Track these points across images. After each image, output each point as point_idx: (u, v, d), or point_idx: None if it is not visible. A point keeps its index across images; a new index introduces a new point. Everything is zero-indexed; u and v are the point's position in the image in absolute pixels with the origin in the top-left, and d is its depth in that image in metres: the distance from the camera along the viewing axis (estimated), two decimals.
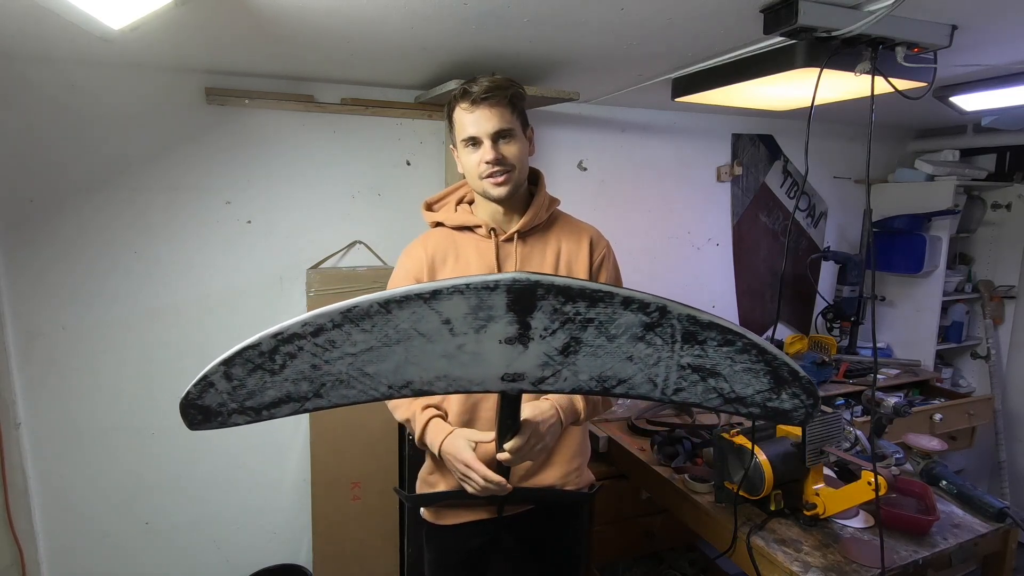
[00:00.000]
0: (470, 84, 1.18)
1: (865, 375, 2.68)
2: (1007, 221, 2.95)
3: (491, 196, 1.22)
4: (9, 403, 1.74)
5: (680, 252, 2.73)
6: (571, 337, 0.66)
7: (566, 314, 0.64)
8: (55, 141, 1.72)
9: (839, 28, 1.23)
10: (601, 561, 2.17)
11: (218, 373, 0.65)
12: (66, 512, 1.88)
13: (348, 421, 1.99)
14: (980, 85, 1.88)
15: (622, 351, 0.66)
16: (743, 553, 1.46)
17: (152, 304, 1.89)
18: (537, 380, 0.69)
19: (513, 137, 1.19)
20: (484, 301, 0.64)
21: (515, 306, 0.64)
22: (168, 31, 1.35)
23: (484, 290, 0.63)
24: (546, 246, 1.29)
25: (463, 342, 0.66)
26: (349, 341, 0.64)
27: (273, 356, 0.65)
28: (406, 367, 0.66)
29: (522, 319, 0.65)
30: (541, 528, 1.34)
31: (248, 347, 0.64)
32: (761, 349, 0.67)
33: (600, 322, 0.65)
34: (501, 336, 0.66)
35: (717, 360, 0.68)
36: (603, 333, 0.65)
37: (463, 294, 0.63)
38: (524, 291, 0.63)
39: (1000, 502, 1.54)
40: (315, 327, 0.63)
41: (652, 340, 0.66)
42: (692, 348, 0.67)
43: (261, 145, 1.95)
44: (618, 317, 0.65)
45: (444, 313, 0.64)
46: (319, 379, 0.66)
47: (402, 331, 0.64)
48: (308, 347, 0.64)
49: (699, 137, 2.67)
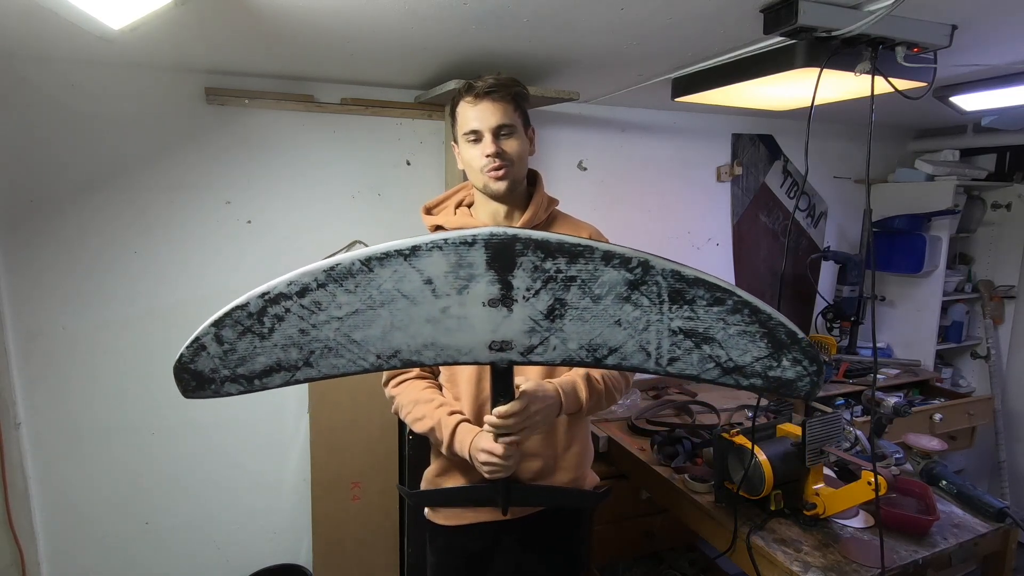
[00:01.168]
0: (475, 80, 1.19)
1: (865, 375, 2.68)
2: (1007, 221, 2.95)
3: (491, 190, 1.22)
4: (9, 403, 1.74)
5: (680, 252, 2.72)
6: (555, 298, 0.65)
7: (547, 271, 0.64)
8: (55, 141, 1.72)
9: (839, 28, 1.23)
10: (601, 561, 2.17)
11: (209, 335, 0.65)
12: (66, 512, 1.88)
13: (348, 421, 1.99)
14: (980, 85, 1.88)
15: (609, 314, 0.65)
16: (743, 553, 1.46)
17: (152, 304, 1.89)
18: (526, 349, 0.68)
19: (514, 134, 1.20)
20: (464, 258, 0.64)
21: (495, 263, 0.64)
22: (168, 31, 1.35)
23: (463, 245, 0.63)
24: None
25: (447, 304, 0.65)
26: (334, 303, 0.64)
27: (261, 318, 0.65)
28: (392, 333, 0.66)
29: (503, 278, 0.64)
30: (545, 531, 1.34)
31: (237, 307, 0.65)
32: (753, 308, 0.64)
33: (583, 280, 0.64)
34: (484, 298, 0.65)
35: (709, 323, 0.65)
36: (587, 293, 0.64)
37: (442, 250, 0.63)
38: (502, 246, 0.63)
39: (1000, 502, 1.54)
40: (300, 286, 0.64)
41: (638, 300, 0.64)
42: (681, 309, 0.64)
43: (261, 145, 1.95)
44: (600, 274, 0.64)
45: (425, 271, 0.64)
46: (308, 346, 0.67)
47: (385, 292, 0.64)
48: (295, 308, 0.65)
49: (699, 137, 2.67)
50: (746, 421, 2.18)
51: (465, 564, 1.35)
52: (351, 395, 1.98)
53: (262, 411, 2.08)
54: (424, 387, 1.28)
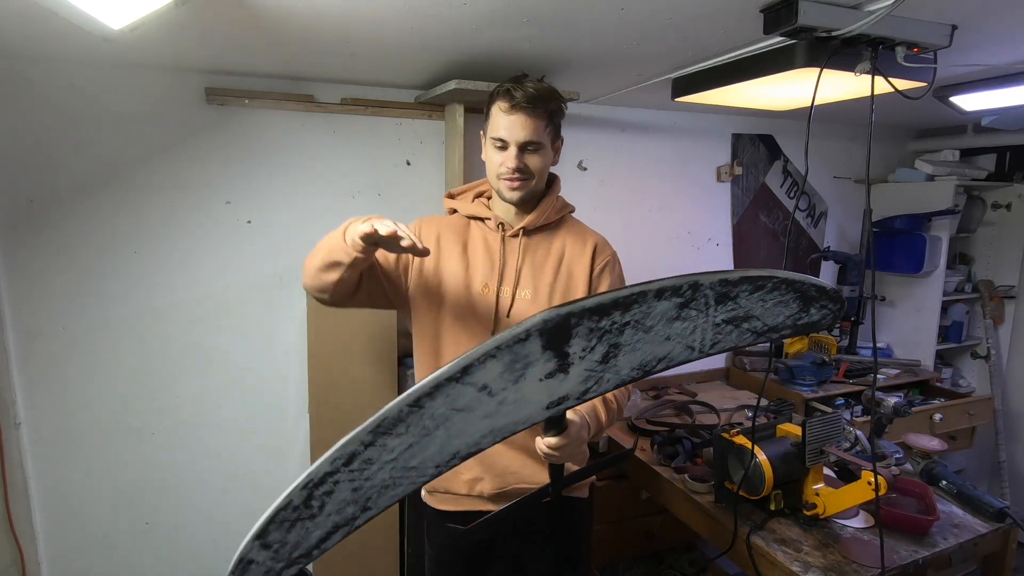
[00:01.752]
0: (515, 86, 1.20)
1: (865, 375, 2.68)
2: (1007, 221, 2.95)
3: (504, 197, 1.27)
4: (9, 403, 1.74)
5: (680, 252, 2.73)
6: (609, 345, 0.64)
7: (602, 328, 0.63)
8: (55, 141, 1.72)
9: (839, 28, 1.22)
10: (601, 561, 2.17)
11: (253, 549, 0.62)
12: (66, 512, 1.88)
13: (348, 421, 1.98)
14: (980, 85, 1.88)
15: (659, 336, 0.66)
16: (743, 553, 1.46)
17: (152, 304, 1.89)
18: (580, 394, 0.67)
19: (540, 150, 1.24)
20: (519, 354, 0.61)
21: (551, 344, 0.62)
22: (168, 31, 1.35)
23: (517, 344, 0.61)
24: (550, 245, 1.32)
25: (503, 398, 0.63)
26: (385, 452, 0.62)
27: (309, 503, 0.62)
28: (450, 443, 0.64)
29: (560, 351, 0.63)
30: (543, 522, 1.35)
31: (279, 508, 0.61)
32: (789, 282, 0.67)
33: (636, 321, 0.64)
34: (541, 375, 0.64)
35: (749, 306, 0.68)
36: (639, 329, 0.64)
37: (495, 357, 0.61)
38: (557, 327, 0.61)
39: (1000, 502, 1.54)
40: (346, 457, 0.61)
41: (687, 315, 0.66)
42: (725, 305, 0.67)
43: (261, 145, 1.95)
44: (652, 310, 0.64)
45: (479, 382, 0.62)
46: (363, 497, 0.64)
47: (439, 416, 0.62)
48: (343, 478, 0.61)
49: (699, 137, 2.67)
50: (746, 421, 2.18)
51: (464, 557, 1.35)
52: (351, 395, 1.98)
53: (262, 411, 2.08)
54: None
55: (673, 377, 2.73)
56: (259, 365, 2.05)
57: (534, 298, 1.27)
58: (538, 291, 1.28)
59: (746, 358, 2.81)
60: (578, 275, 1.30)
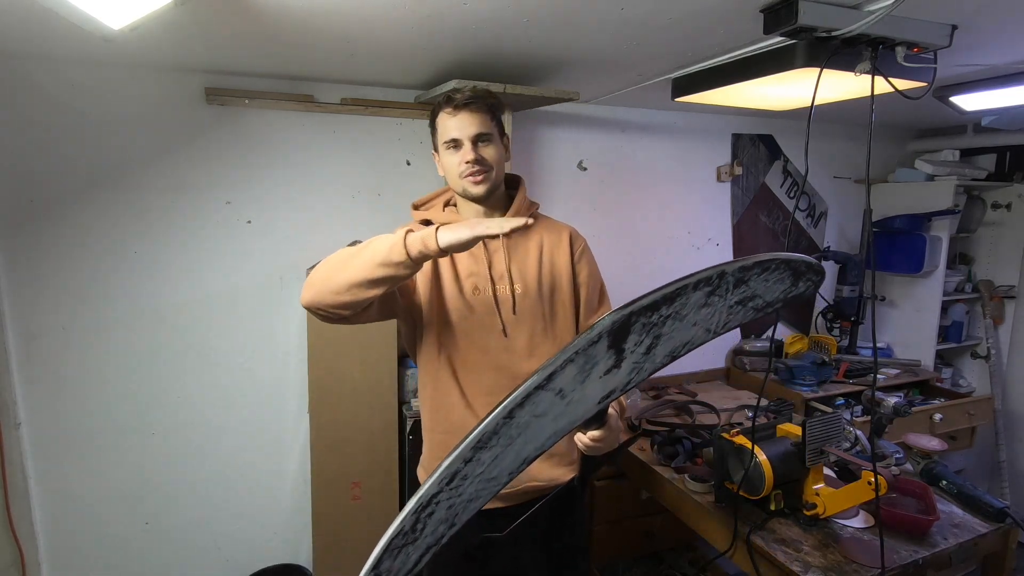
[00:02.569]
0: (453, 92, 1.26)
1: (865, 375, 2.68)
2: (1007, 221, 2.95)
3: (470, 194, 1.28)
4: (9, 403, 1.74)
5: (680, 252, 2.73)
6: (654, 337, 0.71)
7: (652, 322, 0.69)
8: (55, 141, 1.72)
9: (839, 28, 1.23)
10: (601, 561, 2.17)
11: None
12: (66, 512, 1.88)
13: (348, 420, 1.99)
14: (980, 85, 1.88)
15: (689, 323, 0.73)
16: (743, 553, 1.46)
17: (152, 304, 1.89)
18: (624, 386, 0.73)
19: (491, 141, 1.27)
20: (591, 355, 0.66)
21: (615, 343, 0.68)
22: (168, 31, 1.35)
23: (590, 346, 0.66)
24: (529, 241, 1.35)
25: (571, 398, 0.68)
26: (479, 464, 0.65)
27: (415, 528, 0.65)
28: (524, 449, 0.68)
29: (619, 348, 0.68)
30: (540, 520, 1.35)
31: (392, 536, 0.64)
32: (787, 261, 0.75)
33: (676, 312, 0.71)
34: (602, 372, 0.69)
35: (756, 287, 0.75)
36: (677, 319, 0.72)
37: (574, 361, 0.66)
38: (622, 326, 0.67)
39: (1000, 502, 1.54)
40: (450, 475, 0.64)
41: (712, 302, 0.73)
42: (739, 289, 0.74)
43: (261, 145, 1.95)
44: (689, 300, 0.71)
45: (558, 387, 0.66)
46: (453, 514, 0.66)
47: (522, 424, 0.66)
48: (444, 497, 0.65)
49: (699, 137, 2.67)
50: (746, 421, 2.18)
51: (464, 558, 1.36)
52: (351, 394, 1.98)
53: (262, 411, 2.08)
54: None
55: (673, 377, 2.73)
56: (259, 365, 2.05)
57: (525, 292, 1.31)
58: (527, 285, 1.31)
59: (746, 358, 2.81)
60: (560, 264, 1.35)
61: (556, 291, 1.34)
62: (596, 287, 1.40)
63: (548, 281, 1.33)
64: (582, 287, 1.37)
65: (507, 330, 1.29)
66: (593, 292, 1.38)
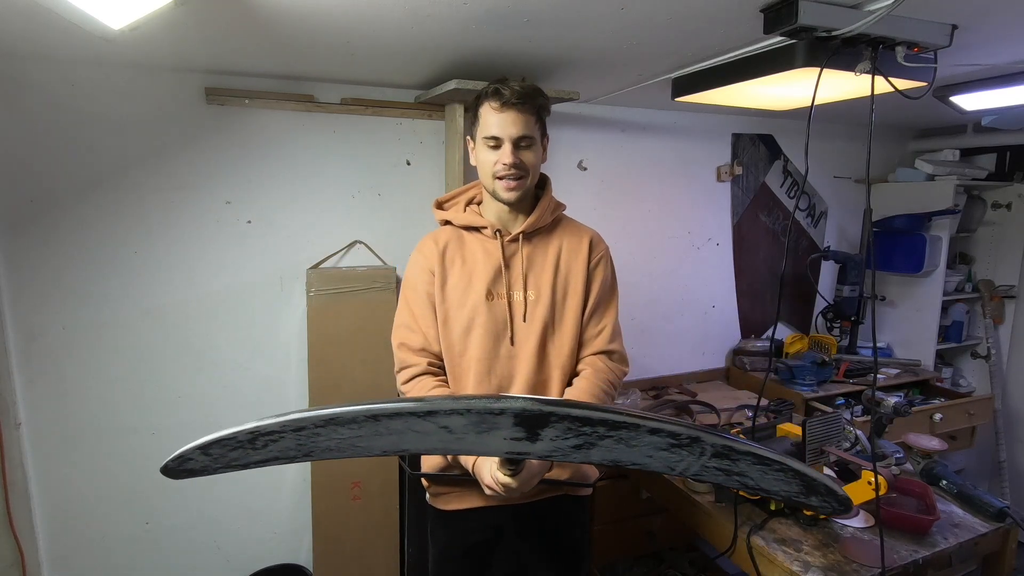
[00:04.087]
0: (502, 85, 1.22)
1: (865, 375, 2.68)
2: (1007, 221, 2.95)
3: (500, 197, 1.27)
4: (9, 403, 1.74)
5: (680, 252, 2.73)
6: (585, 441, 0.64)
7: (583, 432, 0.63)
8: (55, 141, 1.72)
9: (839, 28, 1.22)
10: (601, 561, 2.18)
11: (195, 452, 0.66)
12: (66, 512, 1.88)
13: None
14: (980, 85, 1.88)
15: (641, 453, 0.65)
16: (743, 553, 1.46)
17: (152, 304, 1.89)
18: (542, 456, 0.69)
19: (532, 145, 1.25)
20: (487, 420, 0.62)
21: (524, 424, 0.62)
22: (168, 31, 1.35)
23: (488, 414, 0.61)
24: (548, 245, 1.34)
25: (463, 437, 0.65)
26: (336, 433, 0.64)
27: (253, 443, 0.65)
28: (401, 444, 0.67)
29: (532, 431, 0.63)
30: (544, 520, 1.35)
31: (224, 438, 0.64)
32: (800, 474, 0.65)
33: (621, 438, 0.63)
34: (506, 436, 0.64)
35: (745, 470, 0.66)
36: (622, 442, 0.64)
37: (463, 416, 0.61)
38: (535, 417, 0.61)
39: (1000, 502, 1.55)
40: (296, 426, 0.63)
41: (678, 452, 0.64)
42: (721, 460, 0.65)
43: (261, 145, 1.95)
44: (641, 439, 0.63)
45: (441, 423, 0.63)
46: (307, 449, 0.67)
47: (395, 429, 0.64)
48: (289, 437, 0.64)
49: (699, 137, 2.67)
50: (746, 421, 2.18)
51: (467, 554, 1.36)
52: (351, 394, 1.98)
53: (262, 411, 2.06)
54: (432, 386, 1.28)
55: (673, 377, 2.73)
56: (259, 365, 2.05)
57: (538, 298, 1.30)
58: (540, 291, 1.30)
59: (746, 358, 2.81)
60: (576, 271, 1.33)
61: (567, 298, 1.32)
62: (604, 295, 1.37)
63: (561, 288, 1.32)
64: (592, 294, 1.34)
65: (515, 337, 1.29)
66: (600, 300, 1.35)
